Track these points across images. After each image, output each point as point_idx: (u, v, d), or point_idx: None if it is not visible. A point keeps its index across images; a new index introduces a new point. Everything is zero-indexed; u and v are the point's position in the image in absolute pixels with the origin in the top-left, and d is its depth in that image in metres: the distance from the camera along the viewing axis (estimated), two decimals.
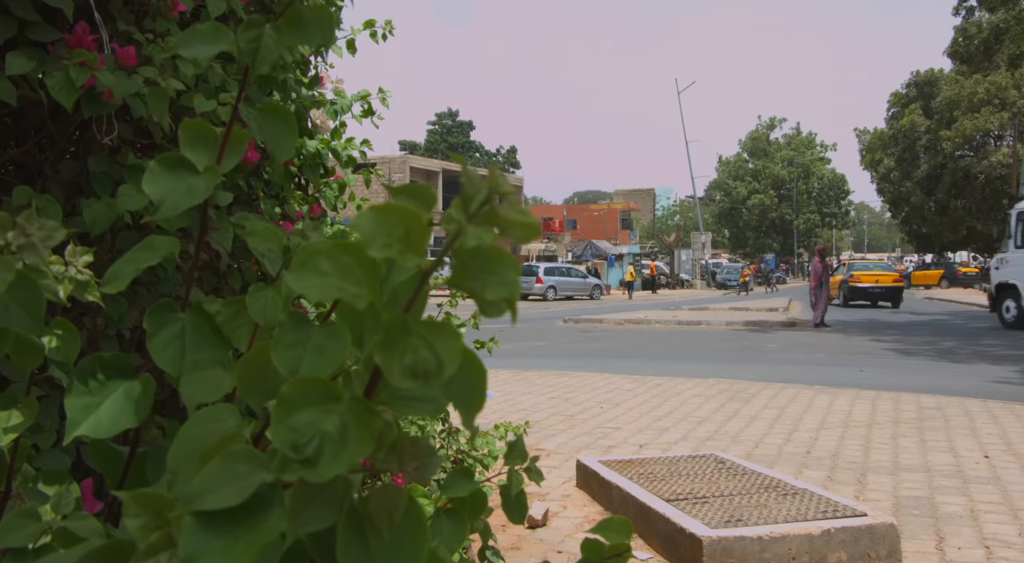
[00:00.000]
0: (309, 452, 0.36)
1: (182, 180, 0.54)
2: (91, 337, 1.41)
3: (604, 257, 43.45)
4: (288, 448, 0.36)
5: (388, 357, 0.37)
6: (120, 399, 0.60)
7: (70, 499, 0.60)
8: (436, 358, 0.37)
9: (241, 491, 0.37)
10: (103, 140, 1.37)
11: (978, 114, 40.04)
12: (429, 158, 51.80)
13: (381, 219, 0.37)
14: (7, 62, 1.20)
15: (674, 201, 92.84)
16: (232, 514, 0.36)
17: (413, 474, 0.39)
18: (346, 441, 0.36)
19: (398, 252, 0.37)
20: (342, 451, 0.36)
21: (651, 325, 18.40)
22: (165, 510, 0.38)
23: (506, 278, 0.38)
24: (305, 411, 0.37)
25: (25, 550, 0.57)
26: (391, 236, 0.37)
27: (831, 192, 64.80)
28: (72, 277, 0.59)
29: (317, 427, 0.37)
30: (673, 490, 3.81)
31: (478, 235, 0.37)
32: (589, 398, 7.53)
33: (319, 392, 0.38)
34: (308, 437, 0.37)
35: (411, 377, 0.36)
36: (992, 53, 21.45)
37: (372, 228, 0.37)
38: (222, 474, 0.37)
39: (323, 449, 0.36)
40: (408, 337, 0.37)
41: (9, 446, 0.64)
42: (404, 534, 0.39)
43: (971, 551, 3.43)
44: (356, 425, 0.37)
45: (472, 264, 0.37)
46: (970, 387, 8.37)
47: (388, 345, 0.37)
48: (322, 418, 0.37)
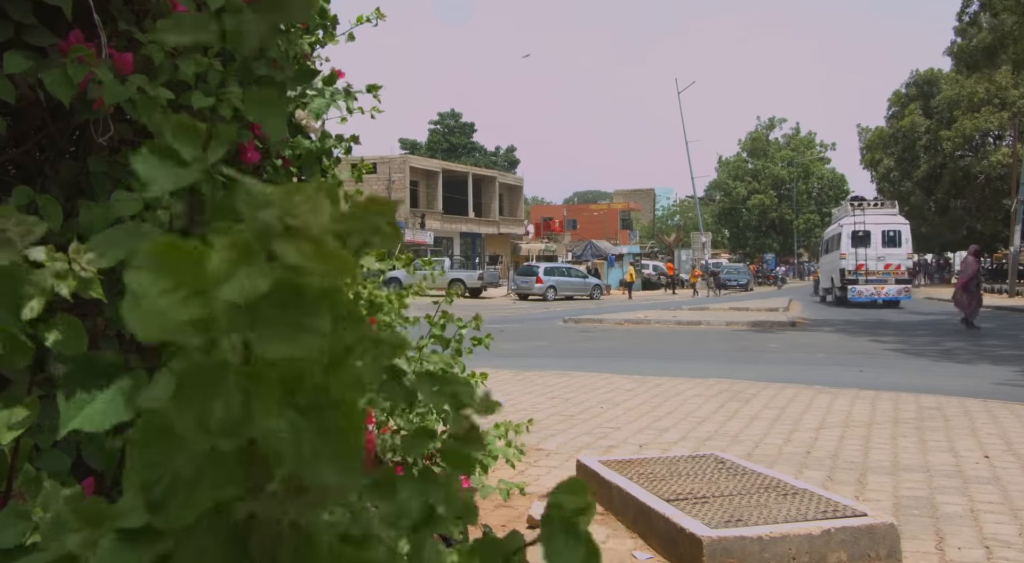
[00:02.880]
0: (157, 494, 0.32)
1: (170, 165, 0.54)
2: (91, 337, 1.41)
3: (604, 257, 43.47)
4: (138, 488, 0.32)
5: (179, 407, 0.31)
6: (113, 394, 0.61)
7: (57, 497, 0.60)
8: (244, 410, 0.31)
9: (144, 515, 0.33)
10: (99, 140, 1.37)
11: (978, 114, 40.06)
12: (430, 158, 51.82)
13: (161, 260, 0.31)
14: (4, 61, 1.20)
15: (674, 201, 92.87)
16: (146, 534, 0.34)
17: (296, 512, 0.34)
18: (199, 483, 0.32)
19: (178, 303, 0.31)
20: (193, 494, 0.31)
21: (651, 325, 18.41)
22: (99, 523, 0.36)
23: (304, 326, 0.31)
24: (160, 446, 0.32)
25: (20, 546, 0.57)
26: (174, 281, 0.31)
27: (831, 192, 64.80)
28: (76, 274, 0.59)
29: (168, 465, 0.32)
30: (673, 490, 3.81)
31: (240, 285, 0.30)
32: (589, 398, 7.54)
33: (171, 429, 0.32)
34: (158, 475, 0.32)
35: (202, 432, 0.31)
36: (995, 56, 21.45)
37: (151, 273, 0.31)
38: None
39: (173, 492, 0.32)
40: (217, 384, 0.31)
41: (10, 446, 0.64)
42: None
43: (971, 551, 3.43)
44: (212, 466, 0.32)
45: (256, 311, 0.31)
46: (970, 387, 8.37)
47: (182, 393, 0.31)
48: (172, 457, 0.32)
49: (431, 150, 66.81)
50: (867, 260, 24.83)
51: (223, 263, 0.30)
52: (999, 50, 20.70)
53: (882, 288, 24.74)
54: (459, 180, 47.82)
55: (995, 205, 40.77)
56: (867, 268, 24.79)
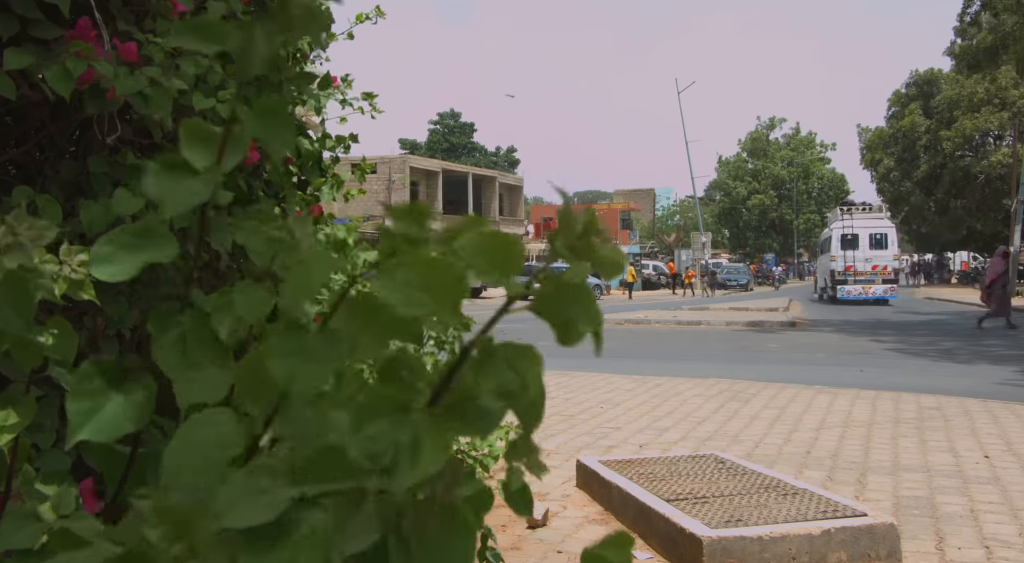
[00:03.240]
0: (386, 462, 0.37)
1: (182, 181, 0.53)
2: (91, 337, 1.41)
3: None
4: (366, 458, 0.37)
5: (479, 377, 0.39)
6: (122, 403, 0.60)
7: (70, 499, 0.60)
8: (520, 379, 0.39)
9: (272, 507, 0.36)
10: (105, 140, 1.37)
11: (978, 114, 40.04)
12: (430, 158, 51.82)
13: (484, 244, 0.39)
14: (5, 57, 1.20)
15: (674, 201, 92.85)
16: (267, 531, 0.36)
17: (443, 493, 0.40)
18: (420, 452, 0.37)
19: (498, 278, 0.39)
20: (418, 462, 0.37)
21: (651, 325, 18.40)
22: (185, 523, 0.37)
23: (592, 310, 0.40)
24: (380, 421, 0.38)
25: (30, 551, 0.57)
26: (492, 261, 0.39)
27: (831, 192, 64.77)
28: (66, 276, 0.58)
29: (391, 437, 0.38)
30: (673, 490, 3.81)
31: (580, 270, 0.39)
32: (589, 398, 7.54)
33: (390, 403, 0.39)
34: (383, 447, 0.37)
35: (499, 397, 0.39)
36: (996, 57, 21.46)
37: (475, 252, 0.39)
38: (244, 489, 0.37)
39: (399, 459, 0.37)
40: (495, 358, 0.39)
41: (9, 446, 0.64)
42: (449, 548, 0.39)
43: (971, 551, 3.43)
44: (428, 438, 0.38)
45: (555, 294, 0.40)
46: (970, 387, 8.37)
47: (479, 366, 0.39)
48: (396, 429, 0.38)
49: (431, 150, 66.80)
50: (855, 261, 26.44)
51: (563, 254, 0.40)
52: (1000, 50, 20.72)
53: (869, 287, 26.21)
54: (459, 180, 47.83)
55: (995, 205, 40.73)
56: (855, 269, 26.40)
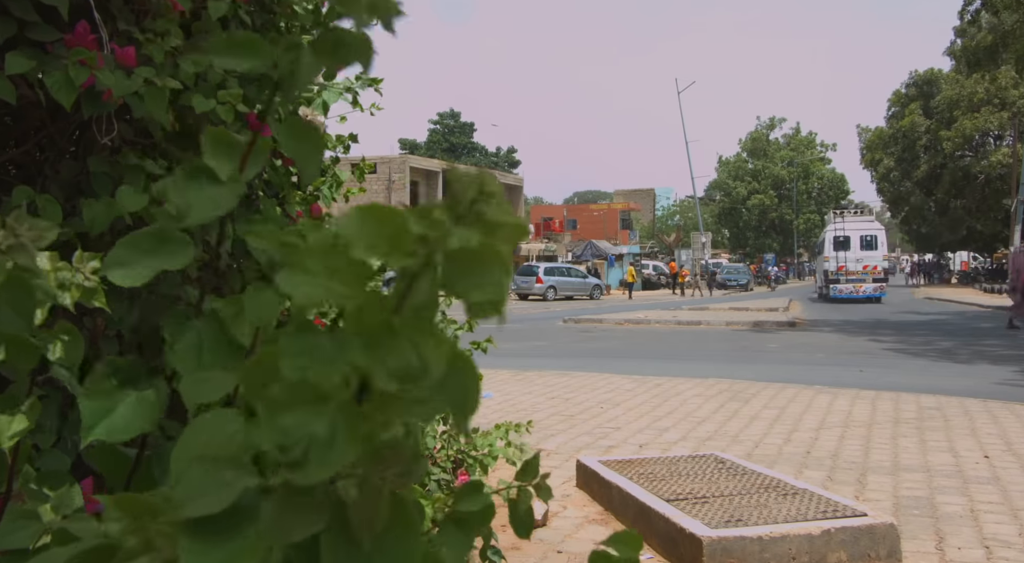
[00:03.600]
0: (296, 455, 0.35)
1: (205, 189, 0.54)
2: (91, 337, 1.41)
3: (604, 257, 43.46)
4: (275, 449, 0.35)
5: (371, 359, 0.36)
6: (134, 404, 0.60)
7: (71, 500, 0.60)
8: (421, 360, 0.36)
9: (224, 498, 0.36)
10: (103, 140, 1.37)
11: (978, 114, 40.06)
12: (429, 158, 51.81)
13: (366, 220, 0.36)
14: (7, 62, 1.20)
15: (674, 201, 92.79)
16: (221, 522, 0.36)
17: (394, 480, 0.38)
18: (334, 444, 0.35)
19: (383, 253, 0.36)
20: (329, 454, 0.35)
21: (651, 325, 18.41)
22: (147, 515, 0.37)
23: (493, 279, 0.37)
24: (294, 412, 0.36)
25: (25, 550, 0.57)
26: (377, 237, 0.36)
27: (831, 192, 64.78)
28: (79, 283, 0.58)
29: (305, 429, 0.36)
30: (673, 490, 3.81)
31: (463, 237, 0.36)
32: (589, 398, 7.54)
33: (308, 394, 0.37)
34: (295, 439, 0.36)
35: (396, 380, 0.36)
36: (997, 55, 21.48)
37: (357, 229, 0.36)
38: (206, 480, 0.37)
39: (310, 452, 0.35)
40: (393, 339, 0.36)
41: (10, 447, 0.64)
42: (392, 539, 0.38)
43: (971, 551, 3.43)
44: (344, 428, 0.36)
45: (458, 266, 0.37)
46: (970, 387, 8.37)
47: (372, 347, 0.36)
48: (311, 420, 0.36)
49: (431, 150, 66.78)
50: (847, 262, 28.35)
51: (441, 221, 0.36)
52: (1000, 49, 20.74)
53: (860, 286, 28.06)
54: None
55: (995, 205, 40.74)
56: (847, 269, 28.28)
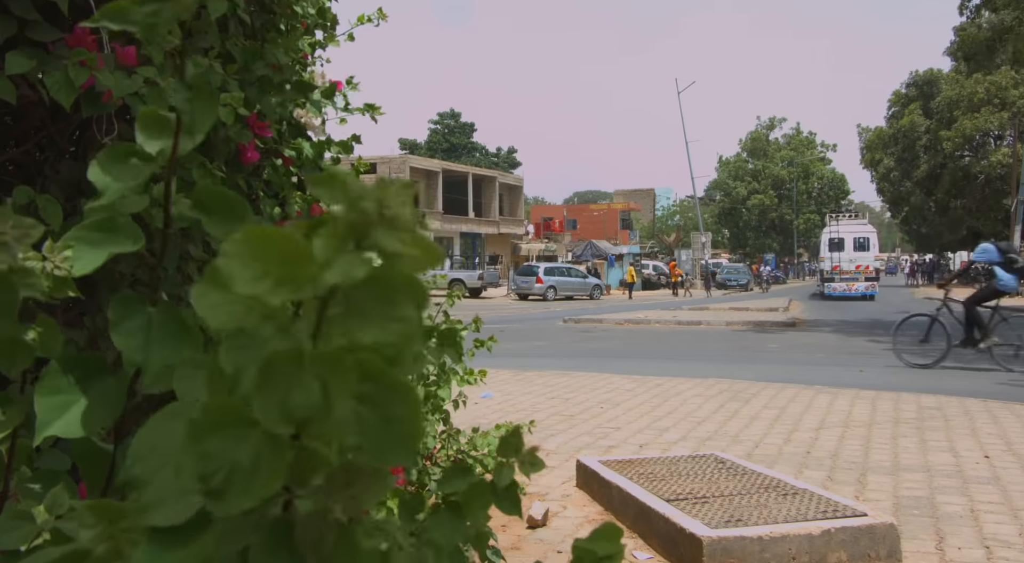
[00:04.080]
0: (216, 483, 0.33)
1: (132, 168, 0.53)
2: (91, 337, 1.41)
3: (604, 257, 43.45)
4: (194, 478, 0.33)
5: (262, 395, 0.32)
6: (95, 397, 0.59)
7: (64, 499, 0.60)
8: (323, 398, 0.32)
9: (186, 509, 0.35)
10: (102, 140, 1.37)
11: (978, 114, 40.03)
12: (429, 158, 51.80)
13: (254, 246, 0.32)
14: (7, 61, 1.20)
15: (674, 201, 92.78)
16: (181, 531, 0.35)
17: (346, 505, 0.36)
18: (257, 473, 0.33)
19: (269, 288, 0.31)
20: (252, 484, 0.33)
21: (651, 325, 18.40)
22: (116, 520, 0.37)
23: (396, 315, 0.32)
24: (218, 437, 0.34)
25: (17, 551, 0.57)
26: (265, 267, 0.32)
27: (831, 192, 64.79)
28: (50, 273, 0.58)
29: (228, 456, 0.33)
30: (673, 490, 3.81)
31: (346, 269, 0.31)
32: (589, 398, 7.54)
33: (235, 417, 0.34)
34: (217, 466, 0.33)
35: (286, 422, 0.32)
36: (995, 52, 21.50)
37: (243, 258, 0.32)
38: (171, 489, 0.36)
39: (232, 480, 0.33)
40: (297, 373, 0.32)
41: (6, 446, 0.64)
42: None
43: (971, 551, 3.43)
44: (270, 456, 0.33)
45: (353, 299, 0.32)
46: (970, 387, 8.37)
47: (266, 383, 0.32)
48: (235, 446, 0.33)
49: (431, 150, 66.78)
50: (841, 262, 30.57)
51: (325, 250, 0.32)
52: (998, 44, 20.75)
53: (853, 285, 30.24)
54: (459, 180, 47.80)
55: (995, 205, 40.72)
56: (841, 268, 30.53)
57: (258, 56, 1.75)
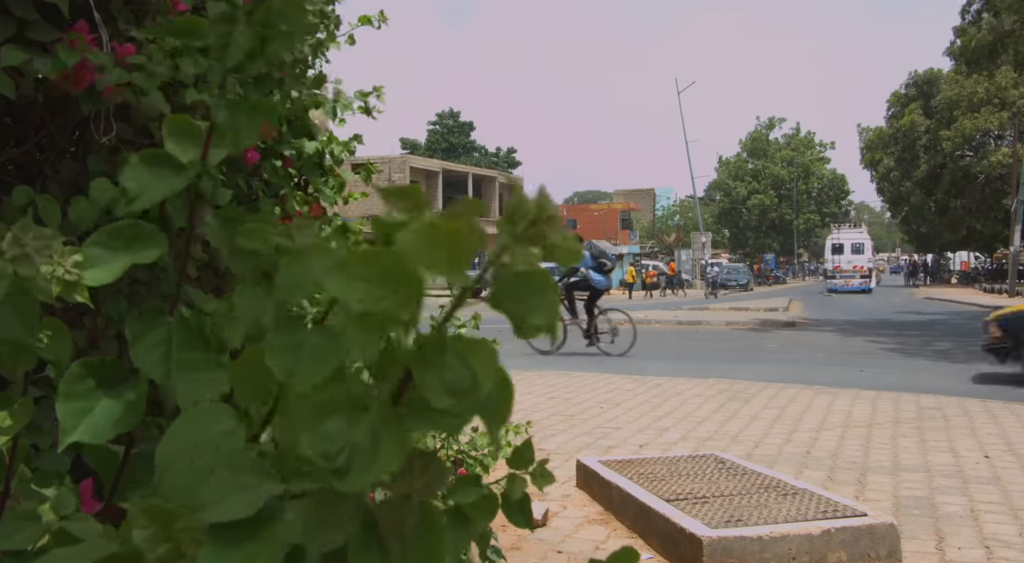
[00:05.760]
0: (340, 462, 0.35)
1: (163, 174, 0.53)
2: (91, 337, 1.41)
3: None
4: (319, 457, 0.35)
5: (425, 374, 0.36)
6: (114, 403, 0.59)
7: (70, 500, 0.60)
8: (472, 376, 0.37)
9: (251, 503, 0.36)
10: (102, 140, 1.37)
11: (978, 114, 40.01)
12: (429, 158, 51.80)
13: (428, 234, 0.36)
14: (3, 54, 1.20)
15: (674, 201, 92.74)
16: (242, 526, 0.36)
17: (422, 490, 0.38)
18: (377, 453, 0.36)
19: (445, 269, 0.36)
20: (373, 463, 0.35)
21: (651, 325, 18.39)
22: (171, 522, 0.37)
23: (548, 302, 0.38)
24: (335, 419, 0.36)
25: (25, 551, 0.57)
26: (438, 251, 0.36)
27: (831, 192, 64.80)
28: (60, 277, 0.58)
29: (347, 436, 0.36)
30: (673, 490, 3.80)
31: (526, 258, 0.37)
32: (589, 398, 7.53)
33: (347, 401, 0.37)
34: (338, 446, 0.36)
35: (448, 394, 0.36)
36: (996, 55, 21.50)
37: (419, 243, 0.36)
38: (230, 485, 0.37)
39: (354, 460, 0.35)
40: (444, 354, 0.37)
41: (7, 446, 0.64)
42: (419, 546, 0.38)
43: (971, 551, 3.43)
44: (387, 437, 0.36)
45: (515, 286, 0.37)
46: (970, 387, 8.37)
47: (426, 362, 0.37)
48: (352, 427, 0.36)
49: (430, 150, 66.76)
50: (841, 263, 38.65)
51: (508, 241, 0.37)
52: (999, 48, 20.75)
53: (850, 281, 37.48)
54: (459, 180, 47.80)
55: (995, 205, 40.72)
56: (841, 268, 38.45)
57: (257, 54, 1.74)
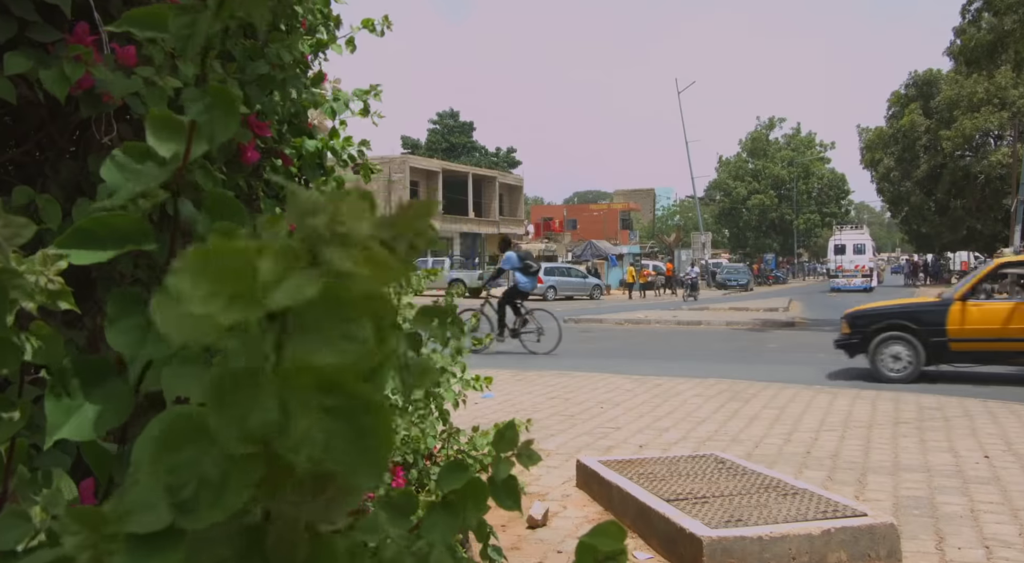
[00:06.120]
0: (186, 496, 0.32)
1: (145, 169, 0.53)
2: (91, 337, 1.41)
3: (604, 257, 43.44)
4: (163, 491, 0.32)
5: (217, 414, 0.31)
6: (103, 399, 0.59)
7: (61, 500, 0.60)
8: (281, 416, 0.31)
9: (161, 518, 0.34)
10: (102, 140, 1.37)
11: (978, 114, 40.00)
12: (429, 158, 51.81)
13: (209, 262, 0.30)
14: (6, 61, 1.20)
15: (674, 201, 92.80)
16: (160, 539, 0.34)
17: (320, 513, 0.34)
18: (226, 487, 0.32)
19: (221, 308, 0.30)
20: (220, 498, 0.32)
21: (651, 325, 18.39)
22: (99, 527, 0.36)
23: (350, 334, 0.31)
24: (186, 450, 0.33)
25: (15, 552, 0.57)
26: (218, 286, 0.30)
27: (831, 192, 64.79)
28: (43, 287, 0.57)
29: (196, 470, 0.32)
30: (673, 490, 3.80)
31: (292, 291, 0.30)
32: (589, 398, 7.53)
33: (202, 431, 0.33)
34: (185, 480, 0.32)
35: (243, 440, 0.31)
36: (996, 56, 21.50)
37: (195, 274, 0.30)
38: (153, 494, 0.34)
39: (200, 495, 0.32)
40: (253, 390, 0.31)
41: (5, 446, 0.64)
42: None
43: (971, 551, 3.43)
44: (238, 470, 0.32)
45: (306, 320, 0.31)
46: (970, 387, 8.37)
47: (220, 398, 0.31)
48: (202, 459, 0.32)
49: (431, 150, 66.75)
50: (843, 263, 40.19)
51: (272, 269, 0.30)
52: (999, 48, 20.76)
53: (852, 280, 38.80)
54: (459, 180, 47.80)
55: (995, 205, 40.69)
56: (843, 268, 39.98)
57: (258, 55, 1.75)
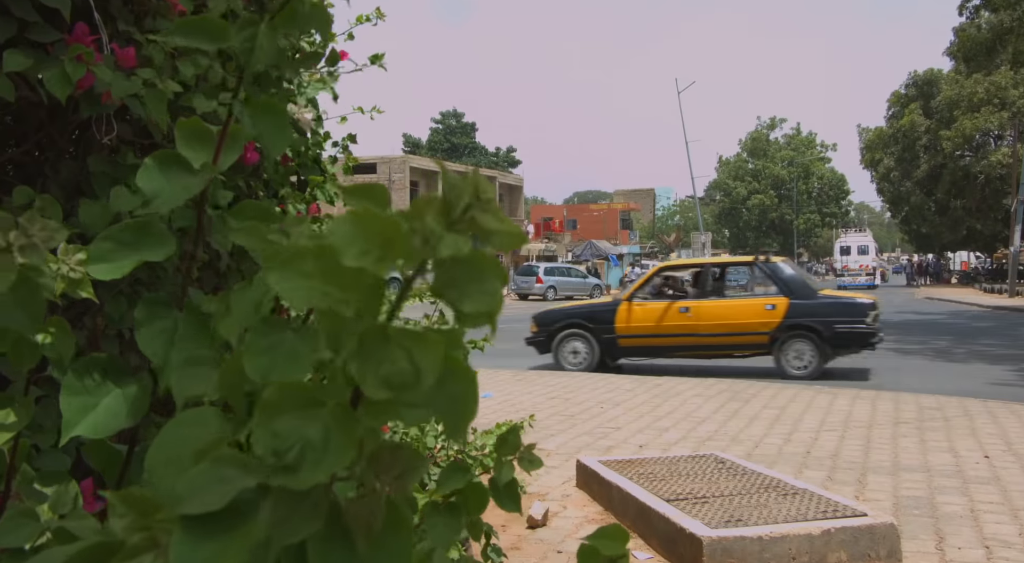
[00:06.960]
0: (290, 459, 0.35)
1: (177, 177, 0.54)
2: (91, 337, 1.41)
3: (604, 257, 43.47)
4: (269, 454, 0.35)
5: (363, 367, 0.35)
6: (117, 399, 0.59)
7: (68, 498, 0.60)
8: (414, 368, 0.35)
9: (224, 495, 0.36)
10: (102, 140, 1.37)
11: (978, 114, 39.95)
12: (430, 158, 51.81)
13: (358, 225, 0.35)
14: (5, 59, 1.20)
15: (674, 201, 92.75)
16: (218, 519, 0.36)
17: (393, 484, 0.38)
18: (328, 449, 0.35)
19: (374, 260, 0.35)
20: (323, 459, 0.35)
21: None
22: (150, 511, 0.37)
23: (487, 289, 0.36)
24: (288, 416, 0.36)
25: (22, 549, 0.57)
26: (369, 243, 0.35)
27: (831, 192, 64.80)
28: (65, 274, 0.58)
29: (299, 433, 0.36)
30: (673, 490, 3.81)
31: (454, 244, 0.35)
32: (589, 398, 7.54)
33: (302, 398, 0.37)
34: (290, 443, 0.36)
35: (386, 388, 0.35)
36: (995, 53, 21.51)
37: (348, 235, 0.35)
38: (208, 478, 0.37)
39: (305, 456, 0.35)
40: (386, 346, 0.36)
41: (8, 445, 0.64)
42: (386, 542, 0.38)
43: (971, 551, 3.43)
44: (338, 432, 0.36)
45: (451, 273, 0.36)
46: (970, 387, 8.37)
47: (363, 354, 0.35)
48: (305, 424, 0.36)
49: (432, 150, 66.77)
50: (848, 263, 44.38)
51: (434, 228, 0.35)
52: (998, 45, 20.78)
53: (856, 279, 41.24)
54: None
55: (995, 205, 40.68)
56: (849, 267, 43.79)
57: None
